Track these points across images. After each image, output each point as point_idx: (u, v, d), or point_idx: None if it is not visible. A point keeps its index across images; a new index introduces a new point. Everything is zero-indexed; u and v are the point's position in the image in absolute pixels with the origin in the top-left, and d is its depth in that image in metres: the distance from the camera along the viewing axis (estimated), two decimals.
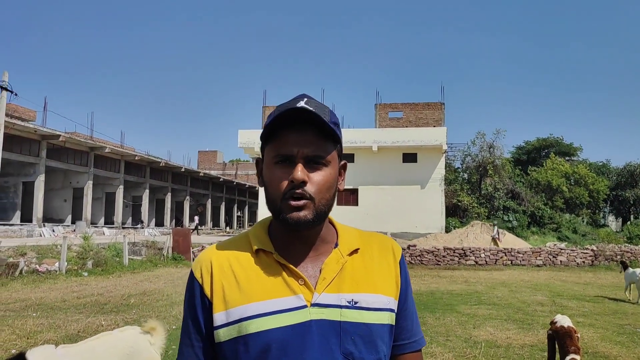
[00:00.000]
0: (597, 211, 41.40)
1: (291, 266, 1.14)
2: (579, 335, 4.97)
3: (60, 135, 34.33)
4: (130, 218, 46.77)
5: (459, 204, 36.30)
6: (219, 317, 1.13)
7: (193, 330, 1.18)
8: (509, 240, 25.36)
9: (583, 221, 37.27)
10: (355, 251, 1.21)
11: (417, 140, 32.20)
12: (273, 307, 1.11)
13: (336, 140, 1.17)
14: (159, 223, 49.58)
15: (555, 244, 24.93)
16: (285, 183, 1.11)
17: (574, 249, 22.00)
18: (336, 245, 1.21)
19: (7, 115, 22.94)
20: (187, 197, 53.37)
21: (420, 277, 16.27)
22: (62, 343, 3.12)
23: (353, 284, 1.16)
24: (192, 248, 21.56)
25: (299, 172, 1.10)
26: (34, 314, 8.59)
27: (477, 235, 26.46)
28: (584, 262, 20.80)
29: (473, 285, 13.99)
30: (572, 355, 4.57)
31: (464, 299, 11.39)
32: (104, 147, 38.91)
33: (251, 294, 1.12)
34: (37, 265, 15.27)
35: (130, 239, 22.04)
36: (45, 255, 16.90)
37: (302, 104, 1.12)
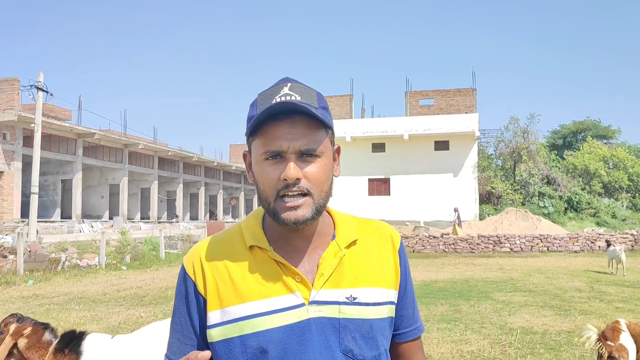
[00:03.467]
0: (637, 195, 40.22)
1: (287, 263, 1.09)
2: None
3: (95, 133, 35.14)
4: (165, 212, 47.64)
5: (493, 190, 35.80)
6: (213, 316, 1.09)
7: (185, 327, 1.13)
8: (544, 227, 24.91)
9: (622, 205, 36.28)
10: (354, 242, 1.16)
11: (448, 128, 31.82)
12: (270, 306, 1.07)
13: (327, 126, 1.09)
14: (194, 217, 50.37)
15: (593, 230, 24.36)
16: (277, 181, 1.05)
17: (613, 234, 21.46)
18: (333, 237, 1.16)
19: (43, 115, 23.60)
20: (220, 191, 54.04)
21: (454, 265, 16.15)
22: (105, 334, 3.24)
23: (351, 278, 1.12)
24: None
25: (292, 169, 1.03)
26: (77, 307, 8.88)
27: (511, 222, 26.09)
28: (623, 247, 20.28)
29: (508, 273, 13.82)
30: None
31: (499, 286, 11.27)
32: (138, 144, 39.65)
33: (247, 293, 1.08)
34: (77, 260, 15.75)
35: (166, 233, 22.48)
36: (85, 251, 17.42)
37: (286, 90, 1.06)
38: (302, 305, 1.07)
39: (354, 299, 1.10)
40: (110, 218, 38.34)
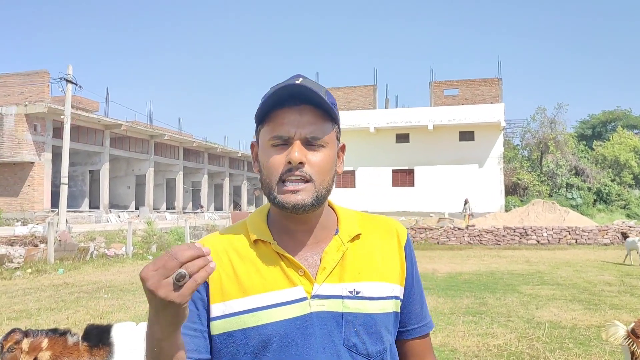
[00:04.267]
0: None
1: (290, 256, 1.09)
2: None
3: (122, 124, 35.63)
4: (190, 203, 48.15)
5: (519, 182, 35.31)
6: (215, 309, 1.09)
7: (192, 321, 1.09)
8: (573, 219, 24.46)
9: None
10: (357, 237, 1.15)
11: (474, 118, 31.42)
12: (272, 300, 1.06)
13: (334, 120, 1.11)
14: (218, 207, 50.82)
15: (623, 222, 23.86)
16: (282, 165, 1.06)
17: None
18: (337, 231, 1.15)
19: (72, 107, 24.01)
20: (244, 182, 54.38)
21: (480, 258, 15.99)
22: (129, 322, 3.29)
23: (355, 272, 1.11)
24: None
25: (297, 152, 1.04)
26: (105, 296, 9.04)
27: (538, 214, 25.68)
28: None
29: (535, 265, 13.62)
30: None
31: (526, 279, 11.12)
32: (163, 135, 40.10)
33: (250, 287, 1.08)
34: (105, 250, 16.03)
35: (191, 223, 22.75)
36: (113, 240, 17.72)
37: (297, 83, 1.07)
38: (305, 299, 1.07)
39: (357, 293, 1.09)
40: (137, 208, 38.91)
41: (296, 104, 1.06)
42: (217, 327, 1.08)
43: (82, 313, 7.50)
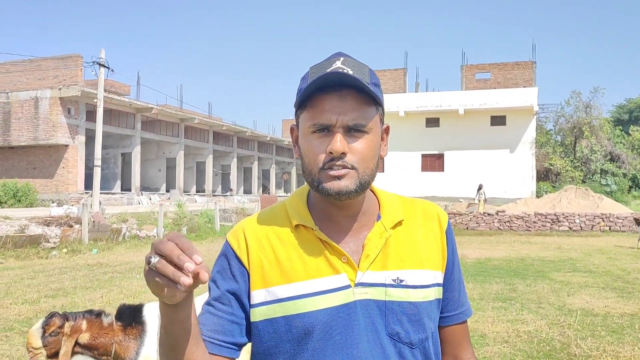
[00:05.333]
0: None
1: (333, 243, 1.07)
2: None
3: (153, 107, 36.11)
4: (219, 186, 48.69)
5: (551, 167, 34.65)
6: (257, 295, 1.08)
7: (225, 303, 1.09)
8: (607, 206, 23.90)
9: None
10: (399, 223, 1.13)
11: (506, 102, 30.85)
12: (316, 287, 1.05)
13: (378, 103, 1.06)
14: (247, 190, 51.28)
15: None
16: (323, 154, 1.03)
17: None
18: (379, 217, 1.13)
19: (104, 90, 24.40)
20: (273, 165, 54.67)
21: (510, 244, 15.79)
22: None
23: (398, 260, 1.09)
24: None
25: (338, 142, 1.01)
26: (137, 276, 9.24)
27: (571, 200, 25.17)
28: None
29: (567, 252, 13.39)
30: None
31: (557, 265, 10.95)
32: (193, 118, 40.50)
33: (293, 274, 1.06)
34: (137, 231, 16.36)
35: (220, 206, 23.00)
36: (144, 222, 18.07)
37: (338, 64, 1.03)
38: (348, 287, 1.05)
39: (401, 281, 1.07)
40: (167, 191, 39.55)
41: (337, 89, 1.02)
42: (258, 314, 1.07)
43: (115, 292, 7.69)
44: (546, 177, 34.88)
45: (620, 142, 37.79)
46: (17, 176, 30.57)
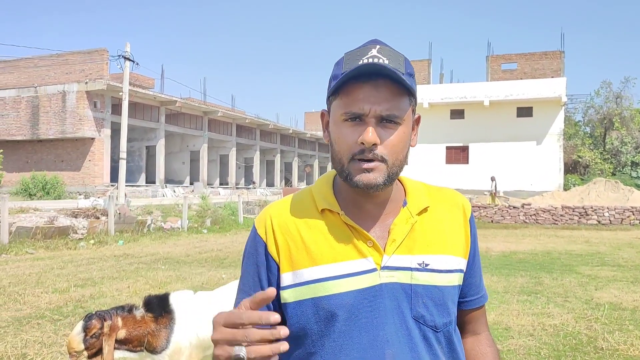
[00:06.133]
0: None
1: (359, 227, 1.09)
2: None
3: (177, 101, 36.46)
4: (243, 179, 49.02)
5: (580, 160, 34.03)
6: (286, 278, 1.10)
7: (254, 288, 1.12)
8: (637, 199, 23.40)
9: None
10: (425, 210, 1.15)
11: (532, 93, 30.31)
12: (342, 270, 1.07)
13: (412, 94, 1.06)
14: (270, 183, 51.51)
15: None
16: (354, 144, 1.03)
17: None
18: (405, 203, 1.14)
19: (129, 84, 24.69)
20: (295, 158, 54.77)
21: (536, 237, 15.57)
22: (187, 290, 3.42)
23: (423, 245, 1.11)
24: None
25: (370, 133, 1.01)
26: (163, 267, 9.37)
27: (600, 193, 24.71)
28: None
29: (595, 246, 13.15)
30: None
31: (585, 259, 10.76)
32: (217, 111, 40.79)
33: (319, 256, 1.08)
34: (162, 223, 16.58)
35: (244, 198, 23.16)
36: (169, 214, 18.30)
37: (374, 52, 1.03)
38: (374, 270, 1.07)
39: (426, 265, 1.09)
40: (191, 183, 39.97)
41: (372, 78, 1.02)
42: (287, 296, 1.09)
43: (141, 282, 7.81)
44: (574, 169, 34.28)
45: None
46: (45, 169, 31.22)
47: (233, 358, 0.84)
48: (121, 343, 2.85)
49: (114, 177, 29.16)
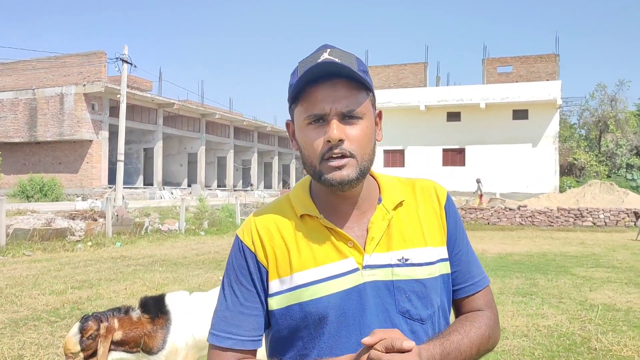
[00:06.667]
0: None
1: (338, 229, 1.11)
2: None
3: (174, 103, 36.46)
4: (240, 181, 49.00)
5: (575, 162, 34.13)
6: (273, 285, 1.12)
7: (248, 299, 1.13)
8: (632, 201, 23.50)
9: None
10: (400, 204, 1.16)
11: (528, 96, 30.43)
12: (326, 273, 1.08)
13: (368, 89, 1.09)
14: (267, 185, 51.51)
15: None
16: (321, 144, 1.05)
17: None
18: (380, 200, 1.16)
19: (127, 86, 24.70)
20: (293, 160, 54.78)
21: (532, 239, 15.63)
22: (181, 291, 3.46)
23: (401, 240, 1.12)
24: None
25: (335, 130, 1.03)
26: (160, 269, 9.39)
27: (595, 195, 24.80)
28: None
29: (590, 248, 13.22)
30: None
31: (580, 261, 10.82)
32: (215, 114, 40.78)
33: (302, 261, 1.10)
34: (159, 225, 16.59)
35: (241, 200, 23.17)
36: (166, 216, 18.31)
37: (325, 55, 1.06)
38: (357, 270, 1.08)
39: (406, 260, 1.10)
40: (189, 185, 39.95)
41: (328, 79, 1.05)
42: (275, 303, 1.12)
43: (139, 284, 7.83)
44: (570, 171, 34.40)
45: None
46: (43, 171, 31.19)
47: None
48: (118, 344, 2.88)
49: (112, 179, 29.17)
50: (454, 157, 32.59)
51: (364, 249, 1.10)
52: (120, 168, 22.15)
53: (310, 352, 1.09)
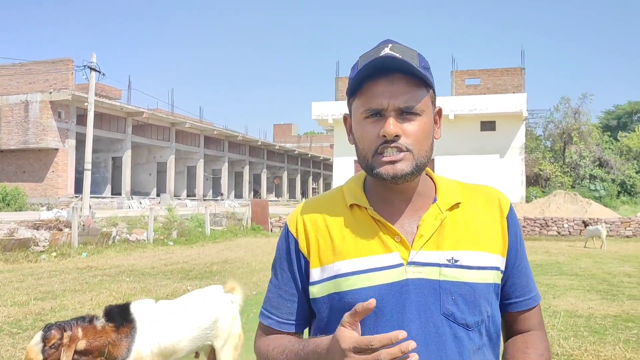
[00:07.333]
0: None
1: (386, 222, 1.09)
2: None
3: (144, 112, 36.05)
4: (210, 190, 48.62)
5: (541, 172, 34.93)
6: (314, 273, 1.12)
7: (286, 283, 1.16)
8: (595, 210, 24.15)
9: None
10: (456, 205, 1.14)
11: (495, 108, 31.04)
12: (367, 264, 1.07)
13: (428, 85, 1.09)
14: (238, 195, 51.21)
15: None
16: (376, 138, 1.05)
17: None
18: (434, 200, 1.14)
19: (95, 94, 24.33)
20: (264, 170, 54.64)
21: None
22: (147, 299, 3.45)
23: (453, 241, 1.09)
24: (270, 219, 22.20)
25: (391, 125, 1.03)
26: (127, 279, 9.25)
27: (560, 205, 25.40)
28: None
29: (554, 256, 13.53)
30: None
31: (544, 269, 11.07)
32: (185, 123, 40.46)
33: (346, 251, 1.09)
34: (127, 235, 16.33)
35: (211, 210, 22.98)
36: (134, 226, 18.04)
37: (387, 50, 1.05)
38: (401, 265, 1.07)
39: (456, 261, 1.07)
40: (158, 195, 39.45)
41: (387, 74, 1.05)
42: (316, 291, 1.12)
43: (105, 295, 7.70)
44: (536, 182, 35.17)
45: (609, 148, 38.20)
46: (6, 180, 30.40)
47: None
48: (81, 354, 2.84)
49: (79, 189, 28.61)
50: None
51: (411, 245, 1.08)
52: (88, 177, 21.76)
53: None
